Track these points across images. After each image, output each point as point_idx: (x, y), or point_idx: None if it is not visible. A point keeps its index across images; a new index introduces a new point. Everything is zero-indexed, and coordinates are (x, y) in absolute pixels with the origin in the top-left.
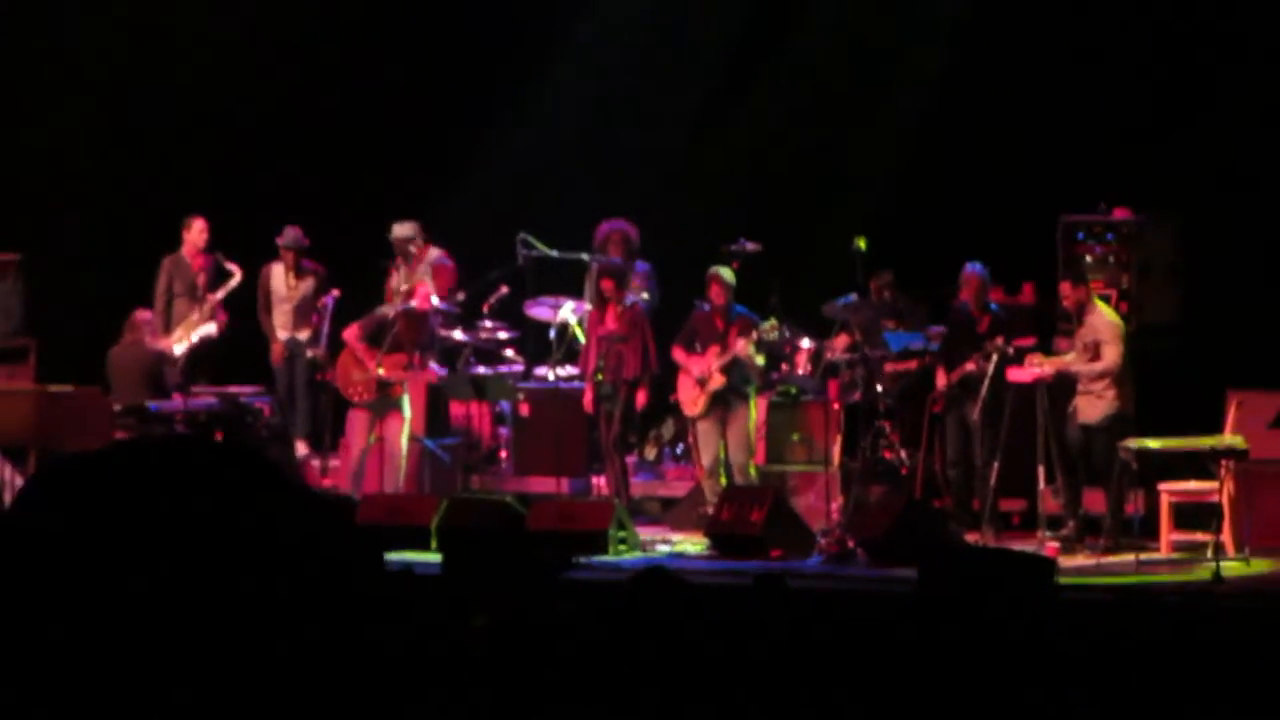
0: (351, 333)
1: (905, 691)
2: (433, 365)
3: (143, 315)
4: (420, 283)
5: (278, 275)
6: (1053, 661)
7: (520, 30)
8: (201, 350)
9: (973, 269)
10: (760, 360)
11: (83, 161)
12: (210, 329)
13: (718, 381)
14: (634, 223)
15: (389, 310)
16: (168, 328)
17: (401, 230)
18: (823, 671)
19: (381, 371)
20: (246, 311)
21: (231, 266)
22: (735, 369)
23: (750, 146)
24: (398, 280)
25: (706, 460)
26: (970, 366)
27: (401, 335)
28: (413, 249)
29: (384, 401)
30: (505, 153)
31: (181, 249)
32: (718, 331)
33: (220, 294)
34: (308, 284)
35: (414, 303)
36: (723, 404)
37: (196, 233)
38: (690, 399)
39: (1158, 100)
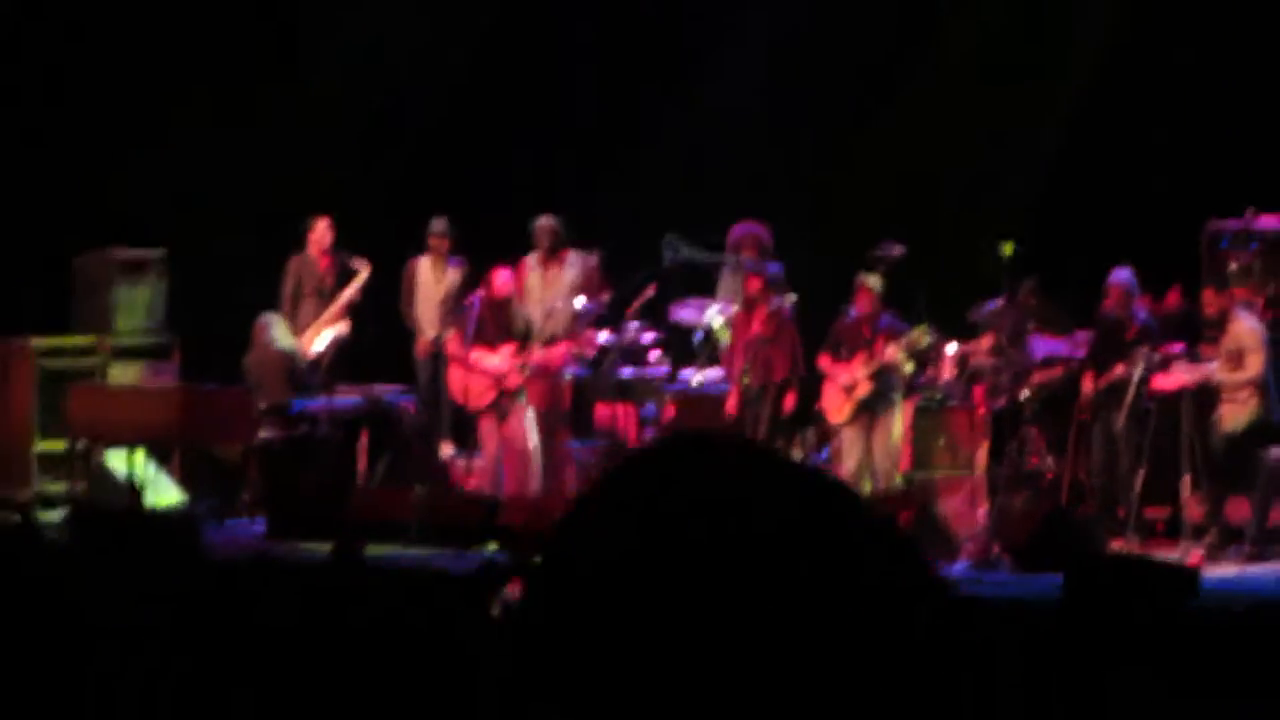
0: (453, 344)
1: (1050, 699)
2: (561, 348)
3: (261, 321)
4: (496, 269)
5: (424, 268)
6: (1195, 671)
7: (668, 35)
8: (338, 351)
9: (1119, 276)
10: (909, 368)
11: (227, 158)
12: (341, 330)
13: (865, 389)
14: (769, 224)
15: (468, 304)
16: (298, 330)
17: (548, 222)
18: (971, 677)
19: (526, 370)
20: (389, 308)
21: (357, 263)
22: (882, 377)
23: (897, 150)
24: (530, 279)
25: (850, 467)
26: (1118, 373)
27: (487, 324)
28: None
29: (503, 403)
30: (654, 153)
31: (307, 249)
32: (864, 339)
33: (348, 292)
34: (454, 277)
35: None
36: (868, 411)
37: (321, 232)
38: (835, 406)
39: None
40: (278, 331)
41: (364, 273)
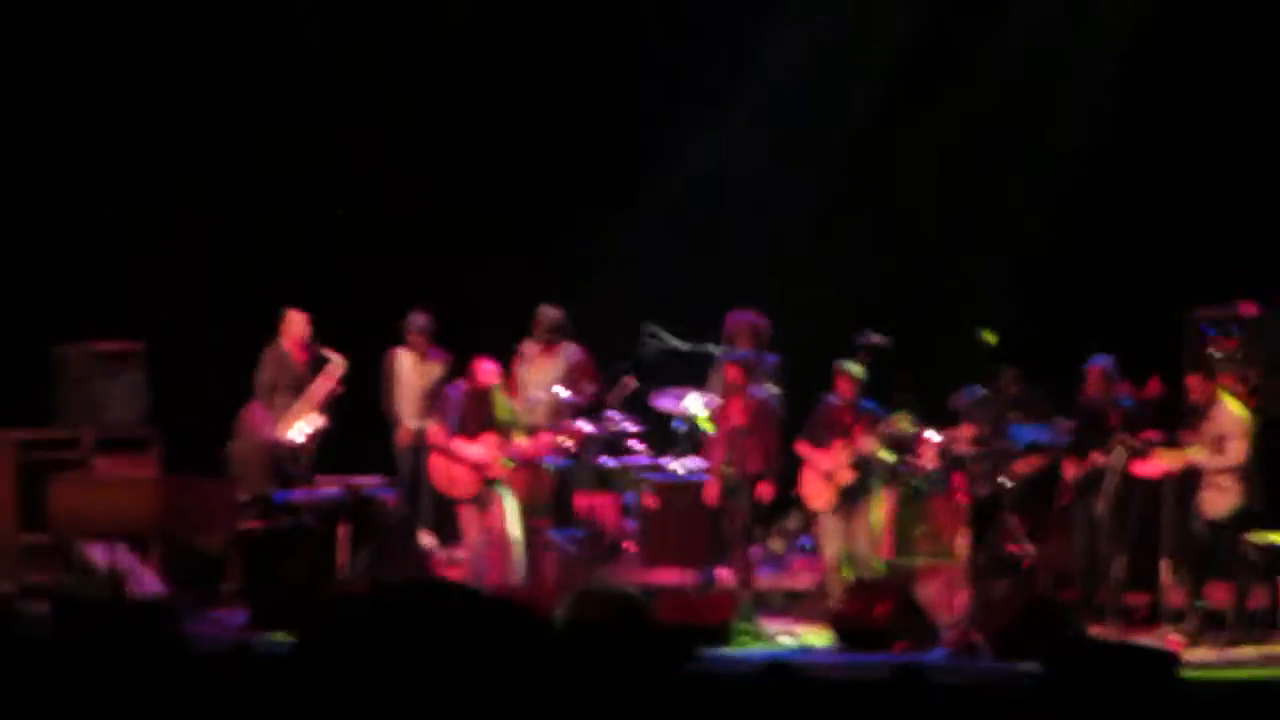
0: (436, 433)
1: None
2: (544, 439)
3: (250, 410)
4: (480, 359)
5: (405, 361)
6: None
7: (649, 117)
8: (315, 443)
9: (1097, 362)
10: (888, 457)
11: (205, 249)
12: (318, 422)
13: (847, 477)
14: (762, 314)
15: (448, 392)
16: (274, 422)
17: (554, 313)
18: None
19: (508, 461)
20: (372, 398)
21: (330, 354)
22: (863, 464)
23: (877, 238)
24: (523, 369)
25: (831, 554)
26: (1097, 459)
27: (469, 414)
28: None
29: (485, 493)
30: (632, 241)
31: (282, 343)
32: (844, 426)
33: (324, 385)
34: (435, 370)
35: (477, 380)
36: (849, 499)
37: (298, 326)
38: (816, 493)
39: None
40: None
41: (338, 366)
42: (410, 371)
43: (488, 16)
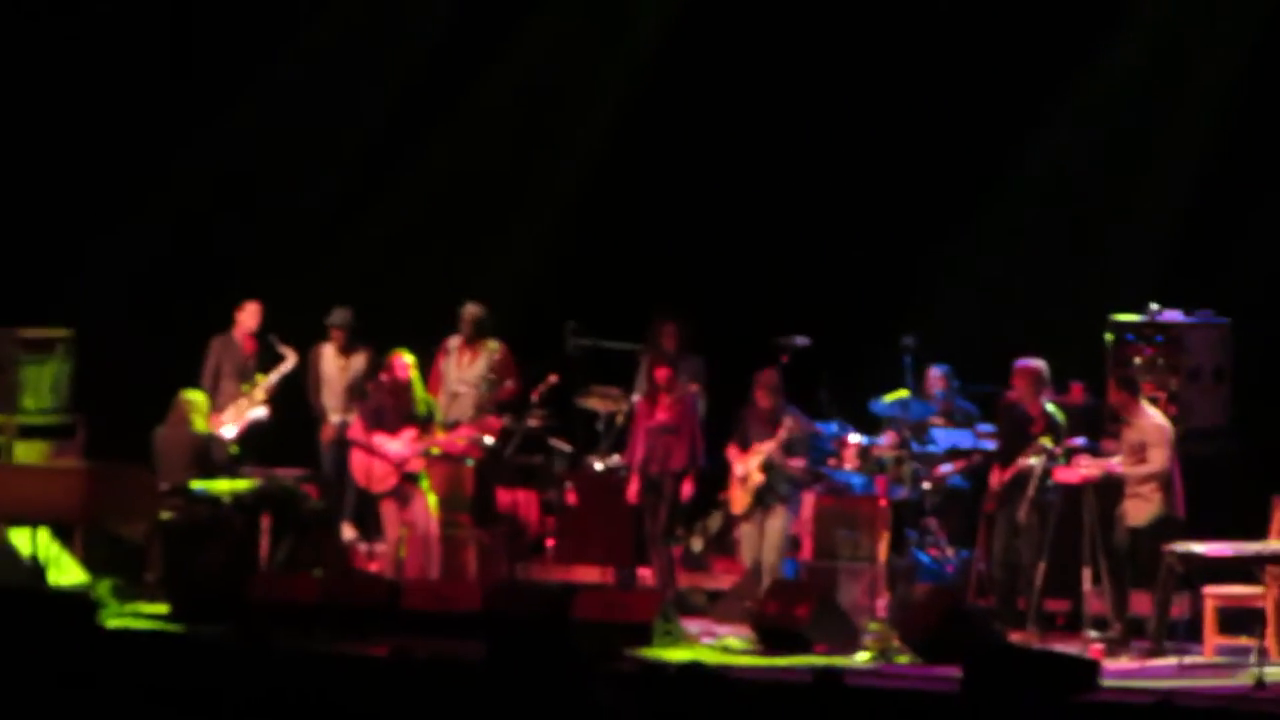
0: (356, 429)
1: None
2: (463, 432)
3: (189, 397)
4: (396, 353)
5: (328, 356)
6: None
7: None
8: (250, 433)
9: (1026, 364)
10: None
11: (134, 236)
12: (260, 413)
13: (757, 480)
14: (687, 316)
15: (370, 390)
16: (216, 409)
17: (474, 309)
18: None
19: (435, 449)
20: (296, 392)
21: (285, 350)
22: (773, 469)
23: (802, 241)
24: (446, 363)
25: (749, 559)
26: (1021, 465)
27: (387, 409)
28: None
29: (405, 488)
30: (560, 239)
31: (232, 331)
32: (767, 430)
33: (274, 378)
34: (358, 364)
35: (396, 375)
36: (762, 504)
37: (249, 315)
38: (735, 497)
39: (1208, 202)
40: (197, 416)
41: (290, 361)
42: (332, 366)
43: None
